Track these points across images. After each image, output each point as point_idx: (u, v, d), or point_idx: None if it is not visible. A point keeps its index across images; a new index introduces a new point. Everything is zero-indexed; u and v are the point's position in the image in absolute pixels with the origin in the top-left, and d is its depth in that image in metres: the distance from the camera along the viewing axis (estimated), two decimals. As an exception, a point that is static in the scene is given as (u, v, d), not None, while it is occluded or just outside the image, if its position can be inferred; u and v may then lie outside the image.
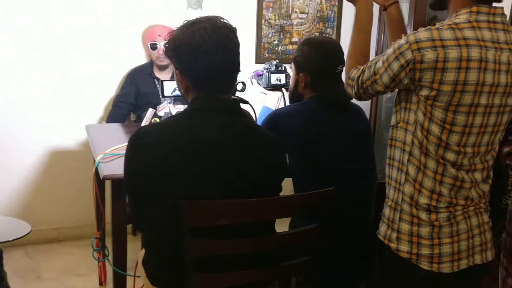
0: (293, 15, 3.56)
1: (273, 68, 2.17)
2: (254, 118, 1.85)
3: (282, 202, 1.42)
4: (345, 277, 1.82)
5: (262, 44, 3.51)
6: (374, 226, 1.56)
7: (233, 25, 1.42)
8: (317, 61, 1.84)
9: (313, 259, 1.53)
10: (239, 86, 1.84)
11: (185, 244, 1.34)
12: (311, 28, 3.62)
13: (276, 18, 3.52)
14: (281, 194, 1.50)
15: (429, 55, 1.27)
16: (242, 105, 1.58)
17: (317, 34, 3.62)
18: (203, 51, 1.33)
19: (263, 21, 3.48)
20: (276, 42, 3.56)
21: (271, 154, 1.44)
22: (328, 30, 3.67)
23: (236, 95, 1.78)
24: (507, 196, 1.84)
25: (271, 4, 3.48)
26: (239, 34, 1.42)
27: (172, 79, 2.74)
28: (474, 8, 1.31)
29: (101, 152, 2.06)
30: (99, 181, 2.11)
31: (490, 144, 1.40)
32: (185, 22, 1.40)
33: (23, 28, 2.94)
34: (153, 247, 1.46)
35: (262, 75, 2.17)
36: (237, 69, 1.41)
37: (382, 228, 1.49)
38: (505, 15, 1.37)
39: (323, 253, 1.55)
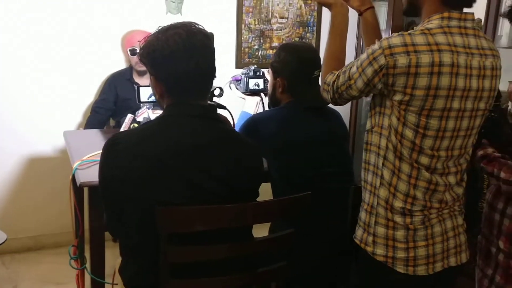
0: (273, 20, 3.58)
1: (251, 73, 2.17)
2: (232, 124, 1.86)
3: (258, 207, 1.42)
4: (323, 281, 1.83)
5: (242, 49, 3.52)
6: (351, 230, 1.56)
7: (211, 31, 1.42)
8: (293, 66, 1.84)
9: (291, 264, 1.53)
10: (217, 92, 1.84)
11: (161, 250, 1.34)
12: (291, 33, 3.64)
13: (256, 23, 3.53)
14: (260, 199, 1.49)
15: (402, 60, 1.28)
16: (220, 111, 1.58)
17: (297, 38, 3.64)
18: (177, 57, 1.32)
19: (243, 26, 3.49)
20: (256, 46, 3.57)
21: (247, 159, 1.44)
22: (308, 34, 3.69)
23: (213, 100, 1.78)
24: (482, 199, 1.87)
25: (251, 9, 3.49)
26: (219, 39, 1.43)
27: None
28: (446, 14, 1.33)
29: (78, 158, 2.04)
30: (77, 188, 2.08)
31: (463, 148, 1.42)
32: (160, 28, 1.40)
33: (0, 34, 2.91)
34: (129, 254, 1.45)
35: (240, 80, 2.17)
36: (212, 75, 1.41)
37: (359, 231, 1.50)
38: (479, 20, 1.39)
39: (301, 258, 1.56)
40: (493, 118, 1.57)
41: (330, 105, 1.66)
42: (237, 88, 2.20)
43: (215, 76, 1.43)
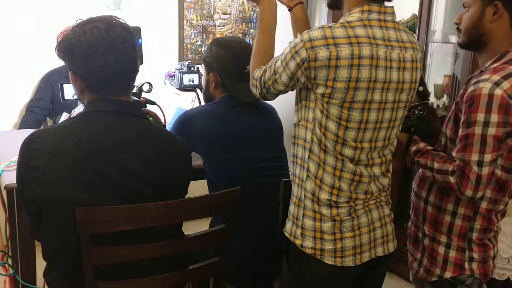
0: (215, 16, 3.56)
1: (185, 69, 2.14)
2: (163, 119, 1.82)
3: (184, 204, 1.39)
4: (258, 275, 1.83)
5: (184, 45, 3.48)
6: (282, 224, 1.57)
7: (151, 26, 1.38)
8: (225, 61, 1.83)
9: (223, 260, 1.51)
10: (146, 87, 1.80)
11: (84, 252, 1.29)
12: (234, 29, 3.63)
13: (198, 18, 3.49)
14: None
15: (322, 53, 1.29)
16: (150, 107, 1.54)
17: (240, 35, 3.64)
18: (95, 51, 1.28)
19: (184, 21, 3.45)
20: (199, 42, 3.54)
21: (171, 157, 1.40)
22: (251, 30, 3.69)
23: (142, 96, 1.75)
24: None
25: (192, 5, 3.45)
26: (161, 35, 1.39)
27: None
28: (366, 7, 1.35)
29: (6, 160, 1.95)
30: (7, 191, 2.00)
31: (387, 139, 1.44)
32: (78, 21, 1.35)
33: None
34: (52, 257, 1.39)
35: (174, 76, 2.14)
36: (133, 70, 1.37)
37: (288, 225, 1.50)
38: (414, 15, 1.41)
39: (234, 253, 1.55)
40: (422, 116, 1.60)
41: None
42: (171, 84, 2.17)
43: (137, 71, 1.39)
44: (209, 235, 1.49)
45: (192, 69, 2.14)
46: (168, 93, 2.17)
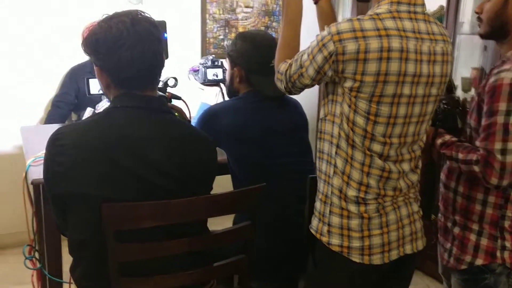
0: (238, 9, 3.53)
1: (209, 63, 2.12)
2: (188, 114, 1.81)
3: (208, 201, 1.38)
4: (283, 272, 1.81)
5: (207, 39, 3.47)
6: (308, 221, 1.54)
7: (174, 21, 1.37)
8: (250, 55, 1.80)
9: (248, 256, 1.50)
10: (171, 82, 1.79)
11: (109, 249, 1.29)
12: (256, 22, 3.60)
13: (221, 12, 3.48)
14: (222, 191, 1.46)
15: (351, 46, 1.26)
16: (175, 102, 1.53)
17: (262, 28, 3.61)
18: (121, 45, 1.27)
19: (207, 15, 3.44)
20: (221, 36, 3.52)
21: (198, 152, 1.39)
22: (274, 24, 3.65)
23: (167, 91, 1.74)
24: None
25: (215, -1, 3.43)
26: (183, 29, 1.38)
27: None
28: None
29: (33, 154, 1.97)
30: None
31: (417, 134, 1.40)
32: (104, 16, 1.34)
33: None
34: (77, 253, 1.40)
35: (198, 70, 2.12)
36: (159, 64, 1.36)
37: (314, 222, 1.48)
38: (441, 6, 1.38)
39: (258, 250, 1.53)
40: (446, 109, 1.58)
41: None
42: (195, 79, 2.16)
43: (163, 66, 1.38)
44: (233, 232, 1.47)
45: (216, 63, 2.13)
46: (192, 87, 2.16)
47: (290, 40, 1.54)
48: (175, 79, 1.83)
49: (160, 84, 1.81)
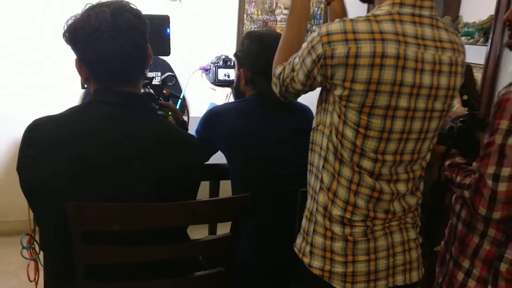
0: (277, 11, 3.43)
1: (221, 63, 2.03)
2: (187, 114, 1.73)
3: (185, 207, 1.29)
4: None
5: (243, 39, 3.39)
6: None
7: (211, 19, 1.29)
8: (256, 56, 1.69)
9: (227, 271, 1.40)
10: (170, 79, 1.71)
11: (75, 249, 1.23)
12: (295, 25, 3.48)
13: (259, 13, 3.39)
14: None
15: (340, 50, 1.13)
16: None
17: (302, 31, 3.48)
18: (98, 36, 1.20)
19: (245, 15, 3.36)
20: (259, 38, 3.43)
21: (178, 157, 1.29)
22: (314, 27, 3.52)
23: (165, 88, 1.67)
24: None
25: (254, -1, 3.35)
26: (220, 28, 1.30)
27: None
28: (398, 0, 1.16)
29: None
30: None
31: (417, 153, 1.25)
32: (87, 5, 1.29)
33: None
34: (47, 250, 1.35)
35: (209, 70, 2.04)
36: (141, 58, 1.28)
37: (298, 240, 1.35)
38: (491, 17, 1.22)
39: (247, 260, 1.43)
40: (462, 128, 1.38)
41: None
42: (206, 78, 2.07)
43: (145, 61, 1.30)
44: (211, 243, 1.38)
45: (228, 63, 2.03)
46: (205, 87, 2.09)
47: (291, 42, 1.42)
48: (174, 76, 1.75)
49: (158, 81, 1.74)
